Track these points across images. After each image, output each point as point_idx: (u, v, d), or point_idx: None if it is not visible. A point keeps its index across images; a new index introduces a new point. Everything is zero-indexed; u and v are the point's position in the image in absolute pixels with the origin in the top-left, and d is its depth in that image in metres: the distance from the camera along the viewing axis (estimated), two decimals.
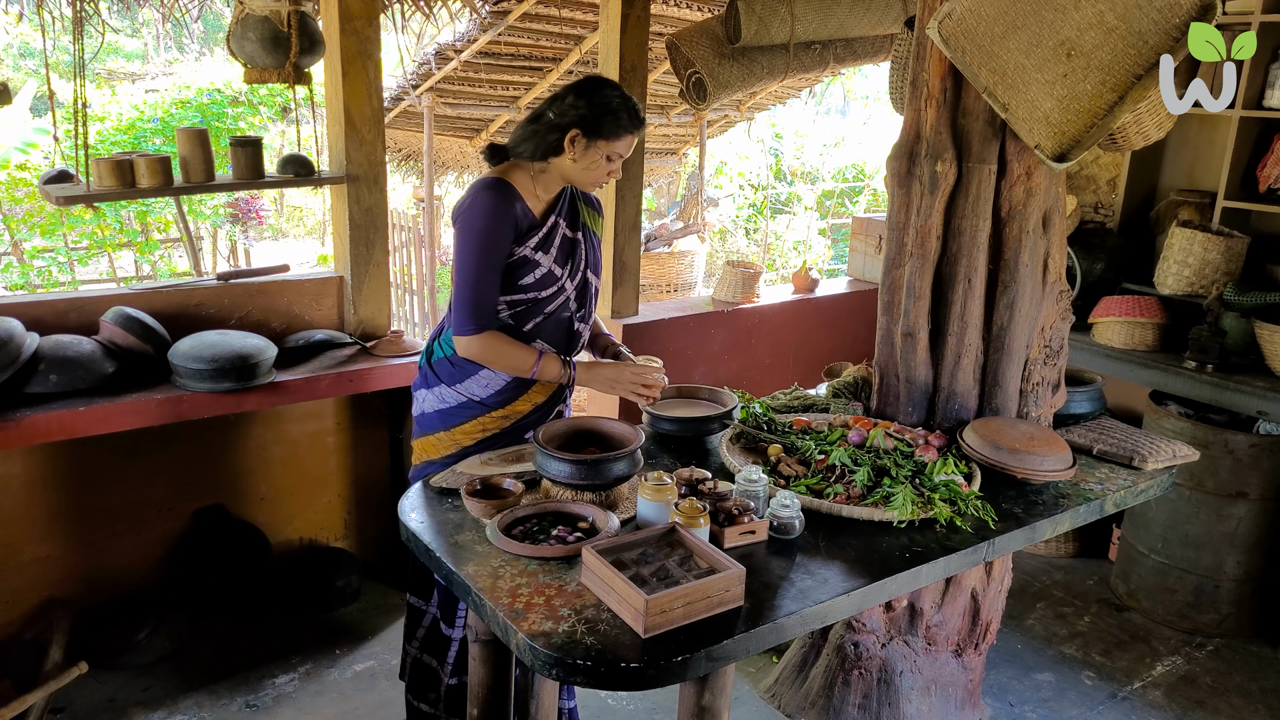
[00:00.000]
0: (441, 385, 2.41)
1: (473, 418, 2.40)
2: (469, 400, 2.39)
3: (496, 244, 2.25)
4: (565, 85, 2.31)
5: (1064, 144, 2.28)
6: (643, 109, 2.36)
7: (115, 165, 2.93)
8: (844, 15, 4.45)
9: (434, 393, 2.43)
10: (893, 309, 2.65)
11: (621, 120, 2.27)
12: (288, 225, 13.34)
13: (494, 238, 2.24)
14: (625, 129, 2.28)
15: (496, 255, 2.26)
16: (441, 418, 2.42)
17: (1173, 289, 3.78)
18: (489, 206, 2.24)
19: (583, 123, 2.24)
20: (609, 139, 2.27)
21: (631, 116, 2.28)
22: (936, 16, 2.31)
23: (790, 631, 1.78)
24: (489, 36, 5.68)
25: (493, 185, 2.27)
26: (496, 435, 2.42)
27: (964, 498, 2.13)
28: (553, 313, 2.38)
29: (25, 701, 2.65)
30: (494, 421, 2.41)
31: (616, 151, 2.30)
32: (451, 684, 2.56)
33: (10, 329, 2.72)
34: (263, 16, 3.04)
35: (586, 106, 2.24)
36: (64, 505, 3.15)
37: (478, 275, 2.25)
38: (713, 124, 8.18)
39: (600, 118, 2.24)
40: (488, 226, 2.24)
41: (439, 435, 2.43)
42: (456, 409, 2.41)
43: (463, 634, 2.51)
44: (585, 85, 2.28)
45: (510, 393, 2.40)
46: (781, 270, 10.55)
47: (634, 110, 2.29)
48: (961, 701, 2.90)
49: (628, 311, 4.11)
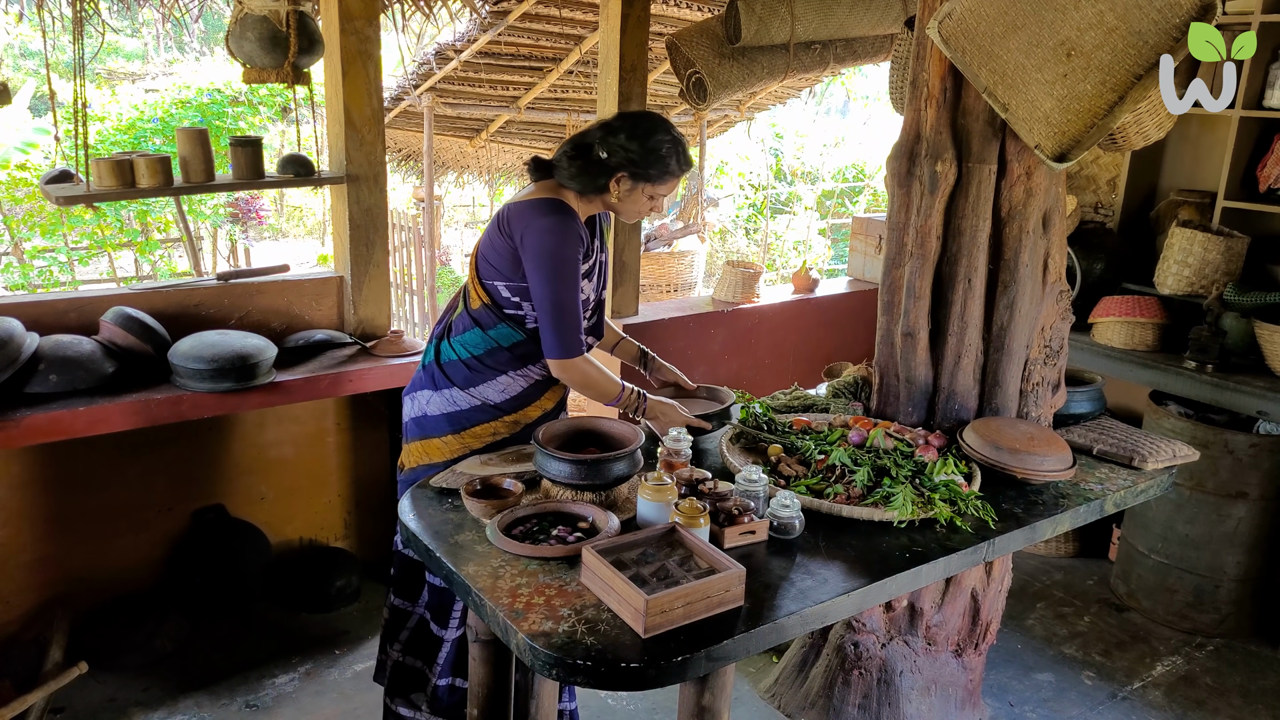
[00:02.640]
0: (453, 388, 2.37)
1: (485, 421, 2.38)
2: (483, 404, 2.37)
3: (578, 270, 2.27)
4: (619, 117, 2.28)
5: (1064, 144, 2.28)
6: (692, 155, 2.35)
7: (115, 165, 2.93)
8: (844, 15, 4.45)
9: (442, 395, 2.39)
10: (893, 309, 2.65)
11: (670, 167, 2.27)
12: (288, 225, 13.34)
13: (577, 265, 2.26)
14: (673, 175, 2.28)
15: (580, 281, 2.29)
16: (450, 421, 2.38)
17: (1173, 289, 3.78)
18: (573, 233, 2.24)
19: (631, 166, 2.23)
20: (655, 183, 2.27)
21: (681, 162, 2.28)
22: (936, 16, 2.31)
23: (790, 631, 1.78)
24: (489, 36, 5.68)
25: (562, 210, 2.26)
26: (506, 439, 2.42)
27: (964, 498, 2.13)
28: None
29: (25, 701, 2.65)
30: (505, 426, 2.41)
31: (660, 192, 2.31)
32: (442, 685, 2.55)
33: (10, 329, 2.72)
34: (261, 16, 3.04)
35: (638, 151, 2.23)
36: (64, 505, 3.15)
37: (575, 301, 2.25)
38: (713, 124, 8.18)
39: (650, 164, 2.24)
40: (573, 255, 2.24)
41: (446, 439, 2.40)
42: (469, 412, 2.37)
43: (457, 634, 2.50)
44: (639, 127, 2.25)
45: (525, 398, 2.40)
46: (781, 270, 10.55)
47: (684, 156, 2.29)
48: (961, 701, 2.90)
49: (628, 311, 4.11)
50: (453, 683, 2.54)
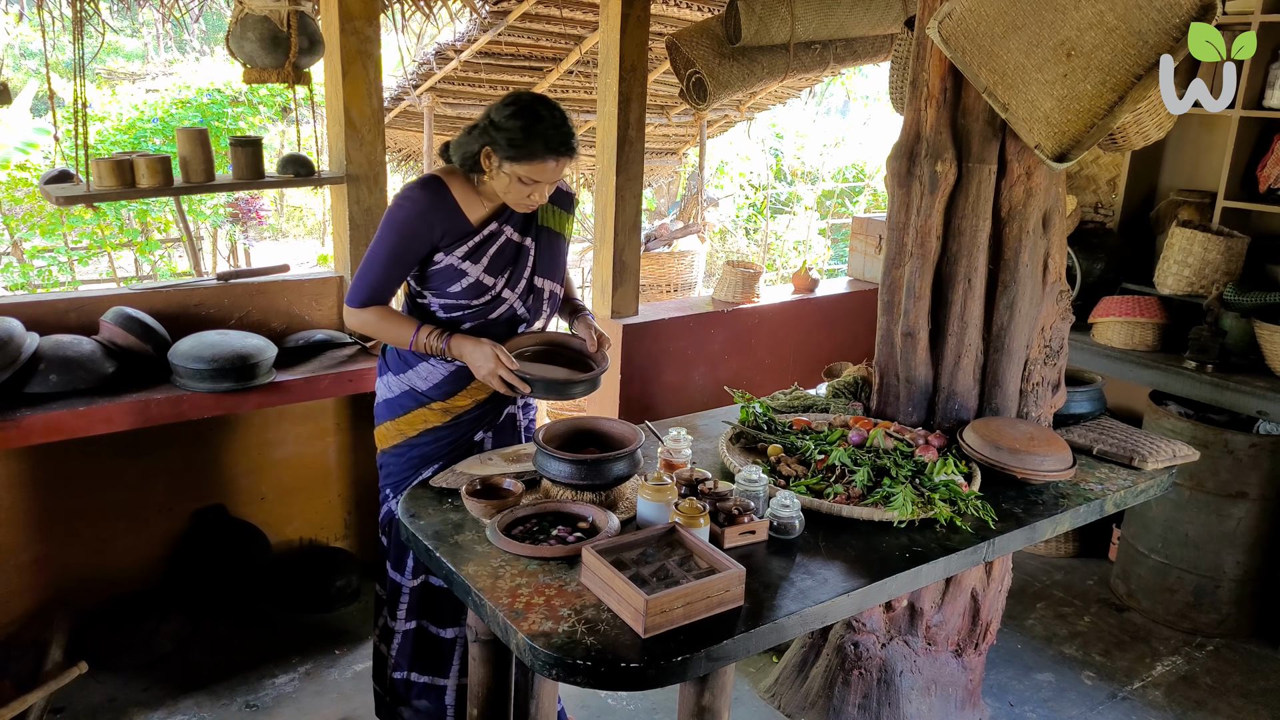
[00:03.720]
0: (389, 374, 2.46)
1: (413, 409, 2.43)
2: (411, 390, 2.43)
3: (409, 242, 2.26)
4: (504, 97, 2.23)
5: (1064, 144, 2.28)
6: (572, 137, 2.19)
7: (115, 165, 2.93)
8: (844, 15, 4.45)
9: (383, 381, 2.49)
10: (893, 309, 2.65)
11: (532, 147, 2.15)
12: (288, 225, 13.34)
13: (407, 235, 2.25)
14: (537, 156, 2.16)
15: (407, 253, 2.27)
16: (388, 407, 2.47)
17: (1173, 289, 3.78)
18: (412, 204, 2.24)
19: (494, 143, 2.18)
20: (518, 162, 2.17)
21: (550, 145, 2.15)
22: (936, 16, 2.31)
23: (790, 631, 1.78)
24: (489, 36, 5.68)
25: (426, 184, 2.27)
26: (439, 429, 2.43)
27: (964, 498, 2.13)
28: (497, 318, 2.38)
29: (25, 701, 2.65)
30: (435, 415, 2.43)
31: (530, 176, 2.19)
32: (407, 629, 2.58)
33: (10, 329, 2.72)
34: (262, 16, 3.04)
35: (500, 126, 2.16)
36: (64, 505, 3.15)
37: (380, 264, 2.27)
38: (713, 124, 8.17)
39: (512, 141, 2.15)
40: (403, 222, 2.24)
41: (386, 425, 2.49)
42: (400, 398, 2.45)
43: (413, 582, 2.54)
44: (509, 102, 2.18)
45: (449, 386, 2.41)
46: (781, 270, 10.55)
47: (553, 138, 2.15)
48: (961, 701, 2.90)
49: (628, 311, 4.11)
50: (411, 628, 2.58)
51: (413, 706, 2.64)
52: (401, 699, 2.65)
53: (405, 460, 2.46)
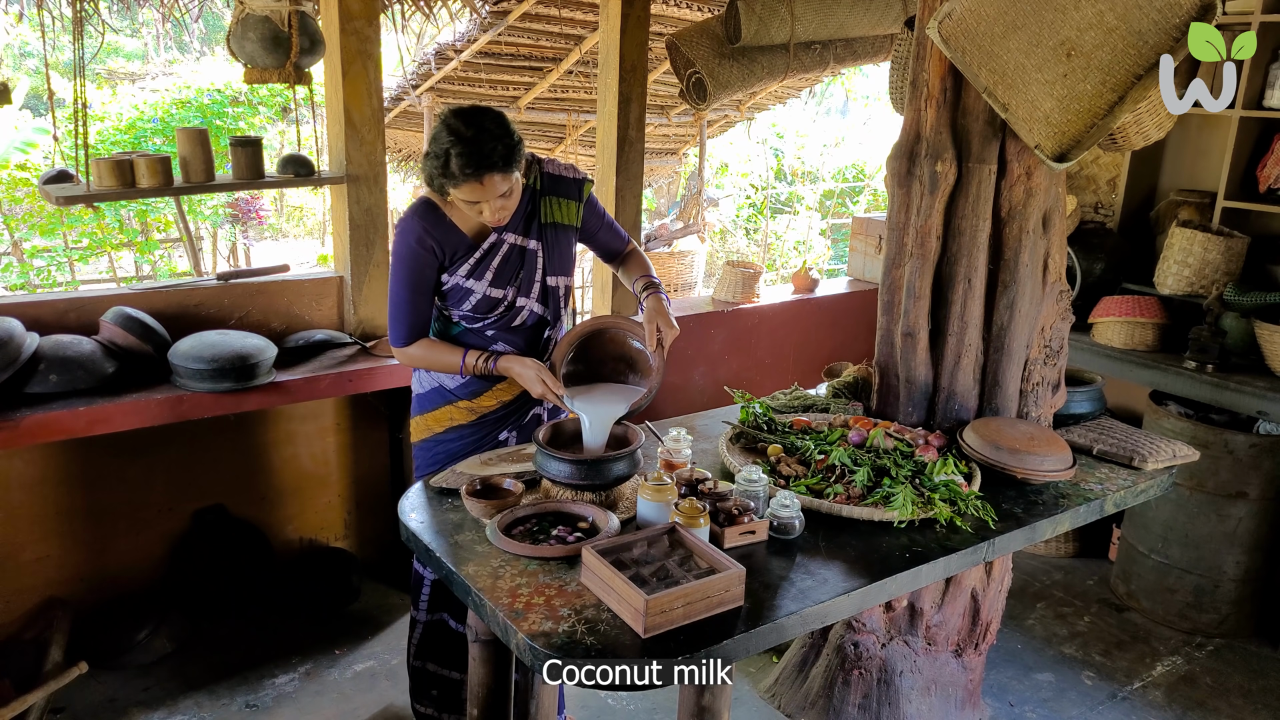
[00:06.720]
0: (421, 370, 2.49)
1: (440, 405, 2.46)
2: (439, 387, 2.46)
3: (420, 269, 2.27)
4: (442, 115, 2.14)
5: (1064, 144, 2.28)
6: (495, 151, 2.03)
7: (115, 165, 2.93)
8: (844, 15, 4.45)
9: (416, 376, 2.52)
10: (893, 309, 2.65)
11: (450, 173, 2.05)
12: (288, 225, 13.34)
13: (415, 263, 2.26)
14: (461, 180, 2.05)
15: (422, 279, 2.28)
16: (419, 402, 2.51)
17: (1173, 289, 3.78)
18: (409, 233, 2.24)
19: (428, 173, 2.12)
20: (451, 189, 2.10)
21: (465, 166, 2.02)
22: (936, 16, 2.31)
23: (790, 631, 1.78)
24: (489, 36, 5.69)
25: (417, 209, 2.26)
26: (464, 427, 2.45)
27: (964, 498, 2.13)
28: (519, 326, 2.39)
29: (25, 701, 2.64)
30: (461, 413, 2.45)
31: (468, 199, 2.10)
32: (428, 620, 2.63)
33: (10, 329, 2.72)
34: (263, 16, 3.04)
35: (427, 154, 2.10)
36: (64, 505, 3.15)
37: (404, 297, 2.30)
38: (713, 124, 8.18)
39: (435, 170, 2.08)
40: (408, 252, 2.25)
41: (417, 419, 2.52)
42: (429, 394, 2.48)
43: (434, 575, 2.55)
44: (440, 123, 2.08)
45: (475, 385, 2.43)
46: (781, 270, 10.55)
47: (468, 159, 2.01)
48: (961, 701, 2.90)
49: (628, 311, 4.11)
50: (431, 619, 2.62)
51: (429, 696, 2.68)
52: (419, 689, 2.71)
53: (432, 455, 2.49)
